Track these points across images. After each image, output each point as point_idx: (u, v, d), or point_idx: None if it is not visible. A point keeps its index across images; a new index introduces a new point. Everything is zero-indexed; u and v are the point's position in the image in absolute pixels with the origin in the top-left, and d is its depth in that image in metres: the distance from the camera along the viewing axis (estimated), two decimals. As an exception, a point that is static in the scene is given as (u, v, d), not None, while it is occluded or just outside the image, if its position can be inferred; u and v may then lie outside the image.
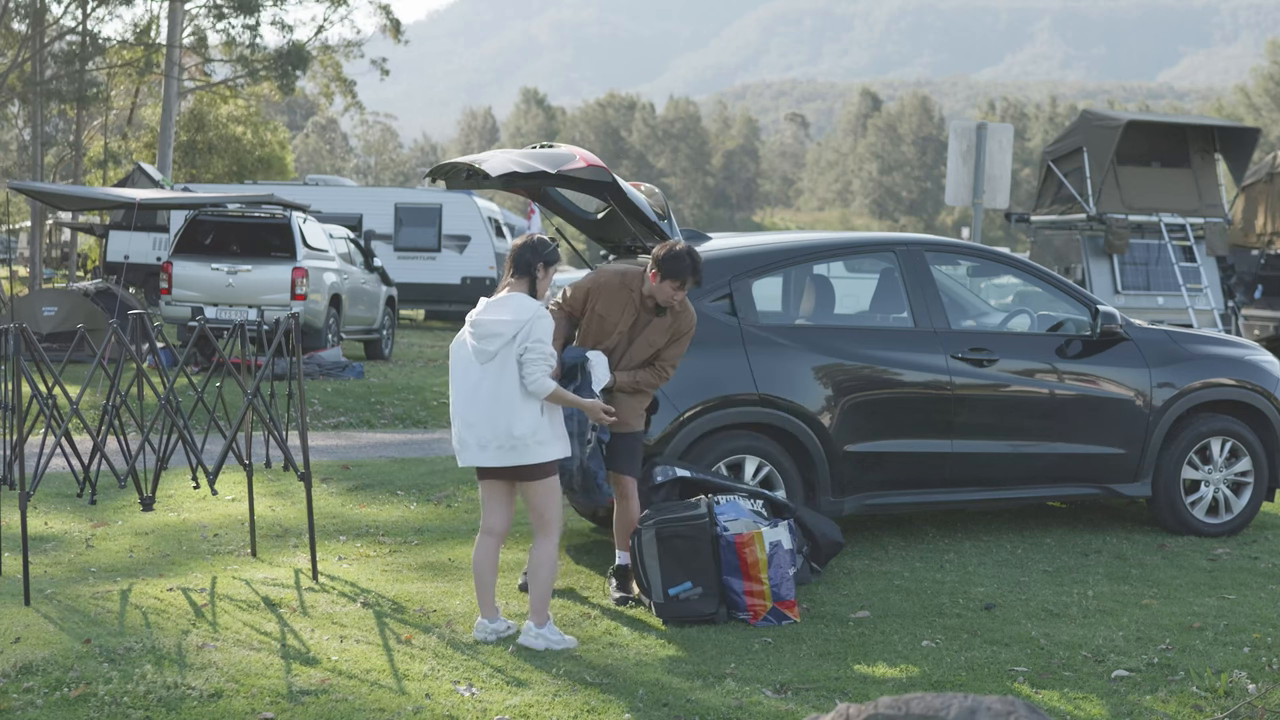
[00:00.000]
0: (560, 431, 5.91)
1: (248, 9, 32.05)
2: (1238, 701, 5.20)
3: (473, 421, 5.78)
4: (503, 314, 5.74)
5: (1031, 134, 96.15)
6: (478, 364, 5.77)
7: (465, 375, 5.83)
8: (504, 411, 5.72)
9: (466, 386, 5.81)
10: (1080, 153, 16.91)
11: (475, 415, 5.78)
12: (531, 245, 5.92)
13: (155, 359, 7.03)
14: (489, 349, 5.72)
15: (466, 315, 5.95)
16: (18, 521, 6.76)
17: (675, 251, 6.36)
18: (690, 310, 6.59)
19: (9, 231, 39.67)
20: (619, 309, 6.54)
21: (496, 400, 5.72)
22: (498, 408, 5.72)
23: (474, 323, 5.81)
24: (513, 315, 5.73)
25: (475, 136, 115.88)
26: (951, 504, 7.98)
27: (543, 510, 5.87)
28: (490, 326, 5.74)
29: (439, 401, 14.49)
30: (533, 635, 5.80)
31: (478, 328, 5.78)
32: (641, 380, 6.54)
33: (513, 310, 5.74)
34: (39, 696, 4.99)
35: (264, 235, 16.75)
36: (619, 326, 6.52)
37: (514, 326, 5.70)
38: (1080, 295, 8.32)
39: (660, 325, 6.53)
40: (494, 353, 5.71)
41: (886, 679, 5.49)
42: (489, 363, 5.73)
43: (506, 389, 5.71)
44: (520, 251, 5.90)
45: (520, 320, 5.71)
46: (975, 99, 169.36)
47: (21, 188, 18.27)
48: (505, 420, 5.71)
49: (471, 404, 5.78)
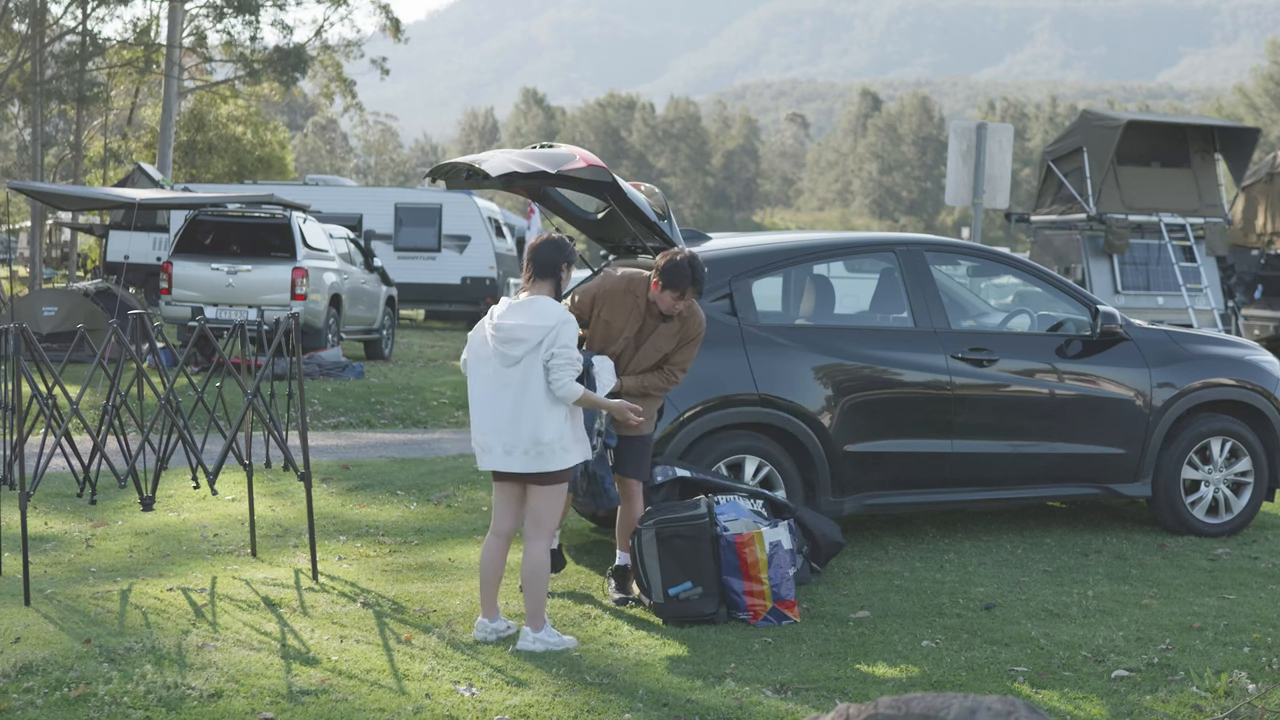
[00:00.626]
0: (581, 435, 5.90)
1: (248, 8, 32.04)
2: (1238, 701, 5.20)
3: (499, 426, 5.72)
4: (528, 319, 5.68)
5: (1031, 134, 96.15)
6: (501, 367, 5.71)
7: (488, 377, 5.76)
8: (530, 417, 5.67)
9: (489, 389, 5.75)
10: (1080, 153, 16.91)
11: (500, 420, 5.72)
12: (555, 245, 5.86)
13: (155, 359, 7.03)
14: (514, 354, 5.67)
15: (490, 312, 5.86)
16: (18, 521, 6.76)
17: (676, 262, 6.34)
18: (698, 315, 6.57)
19: (9, 231, 39.66)
20: (624, 315, 6.52)
21: (522, 405, 5.67)
22: (523, 413, 5.68)
23: (497, 326, 5.72)
24: (539, 320, 5.67)
25: (475, 136, 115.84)
26: (951, 504, 7.98)
27: (544, 514, 5.86)
28: (515, 331, 5.67)
29: (439, 402, 14.49)
30: (530, 640, 5.78)
31: (501, 331, 5.70)
32: (650, 385, 6.53)
33: (538, 315, 5.69)
34: (39, 696, 4.99)
35: (264, 235, 16.75)
36: (625, 332, 6.51)
37: (540, 332, 5.65)
38: (1080, 295, 8.32)
39: (667, 331, 6.53)
40: (519, 358, 5.66)
41: (886, 679, 5.49)
42: (513, 367, 5.68)
43: (532, 394, 5.66)
44: (543, 252, 5.83)
45: (546, 326, 5.66)
46: (975, 99, 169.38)
47: (21, 188, 18.27)
48: (531, 425, 5.68)
49: (494, 408, 5.73)
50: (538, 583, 5.82)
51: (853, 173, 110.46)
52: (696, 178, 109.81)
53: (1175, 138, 17.39)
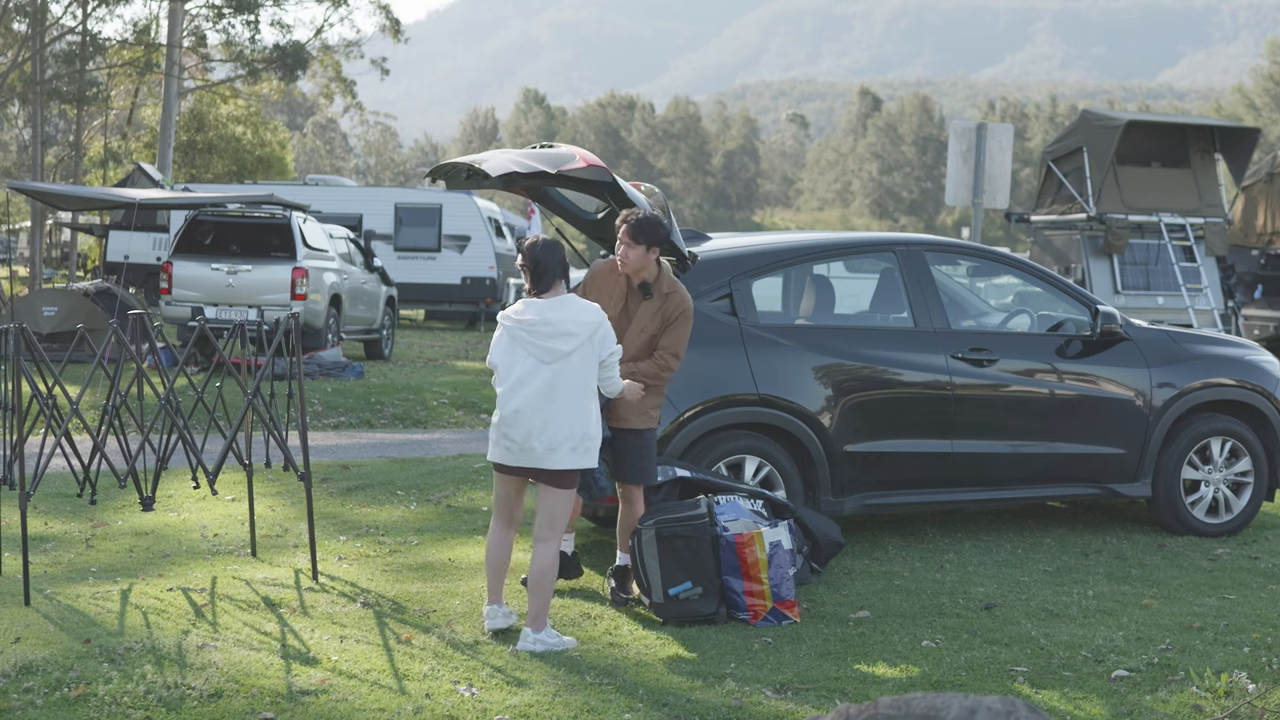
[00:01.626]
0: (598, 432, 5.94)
1: (247, 7, 32.04)
2: (1238, 701, 5.20)
3: (541, 424, 5.72)
4: (572, 314, 5.77)
5: (1031, 134, 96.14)
6: (540, 363, 5.74)
7: (524, 375, 5.76)
8: (574, 412, 5.74)
9: (529, 386, 5.74)
10: (1080, 153, 16.91)
11: (548, 416, 5.72)
12: (554, 245, 5.98)
13: (155, 359, 7.03)
14: (563, 349, 5.72)
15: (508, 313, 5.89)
16: (18, 521, 6.76)
17: (635, 216, 6.38)
18: (681, 293, 6.49)
19: (9, 231, 39.66)
20: (609, 295, 6.52)
21: (564, 401, 5.72)
22: (566, 409, 5.73)
23: (544, 321, 5.75)
24: (585, 315, 5.78)
25: (475, 136, 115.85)
26: (951, 504, 7.98)
27: (557, 514, 5.89)
28: (564, 325, 5.74)
29: (439, 402, 14.49)
30: (530, 640, 5.79)
31: (550, 326, 5.74)
32: (643, 372, 6.42)
33: (581, 311, 5.80)
34: (39, 696, 4.99)
35: (264, 235, 16.74)
36: (611, 313, 6.48)
37: (589, 328, 5.76)
38: (1080, 295, 8.32)
39: (649, 309, 6.47)
40: (569, 353, 5.73)
41: (886, 679, 5.49)
42: (556, 363, 5.73)
43: (577, 390, 5.75)
44: (546, 253, 5.88)
45: (593, 321, 5.79)
46: (975, 99, 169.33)
47: (21, 188, 18.27)
48: (579, 420, 5.75)
49: (534, 406, 5.72)
50: (545, 584, 5.84)
51: (853, 173, 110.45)
52: (696, 178, 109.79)
53: (1175, 138, 17.39)
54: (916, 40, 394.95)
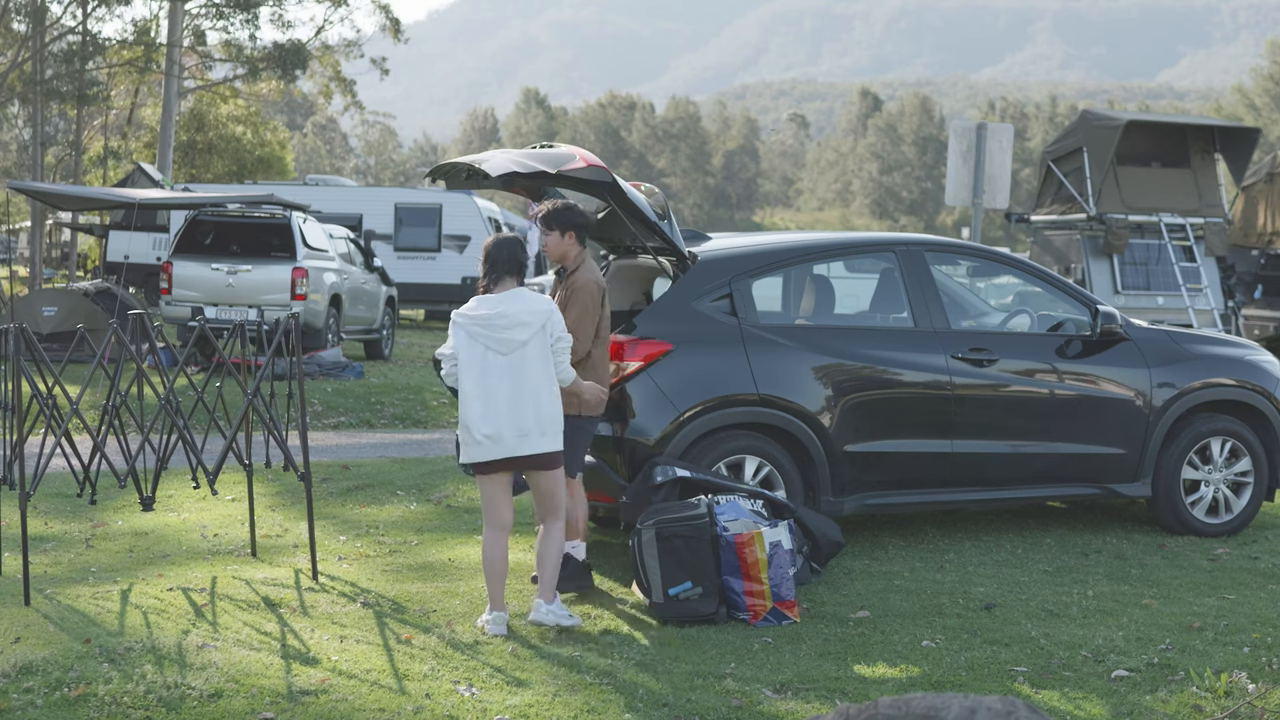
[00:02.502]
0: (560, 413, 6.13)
1: (247, 6, 32.03)
2: (1238, 701, 5.20)
3: (507, 414, 5.90)
4: (523, 305, 5.96)
5: (1031, 134, 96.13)
6: (498, 355, 5.92)
7: (485, 370, 5.94)
8: (535, 398, 5.92)
9: (489, 381, 5.93)
10: (1080, 153, 16.91)
11: (506, 407, 5.91)
12: (513, 243, 6.17)
13: (155, 359, 7.03)
14: (518, 338, 5.91)
15: (462, 311, 6.06)
16: (18, 521, 6.75)
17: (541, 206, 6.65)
18: (580, 275, 6.57)
19: (9, 231, 39.66)
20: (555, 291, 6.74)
21: (525, 389, 5.92)
22: (528, 396, 5.92)
23: (499, 315, 5.94)
24: (534, 305, 5.98)
25: (475, 136, 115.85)
26: (951, 504, 7.98)
27: (555, 495, 6.11)
28: (519, 316, 5.94)
29: (439, 402, 14.49)
30: (543, 611, 6.02)
31: (505, 319, 5.93)
32: None
33: (530, 301, 5.99)
34: (39, 696, 4.99)
35: (264, 235, 16.74)
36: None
37: (541, 316, 5.96)
38: (1080, 295, 8.32)
39: (561, 299, 6.61)
40: (524, 342, 5.92)
41: (886, 679, 5.49)
42: (515, 352, 5.92)
43: (535, 377, 5.94)
44: (503, 250, 6.08)
45: (544, 310, 5.98)
46: (975, 99, 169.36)
47: (21, 188, 18.27)
48: (544, 405, 5.94)
49: (498, 398, 5.91)
50: (554, 558, 6.08)
51: (853, 173, 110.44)
52: (696, 178, 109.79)
53: (1175, 138, 17.39)
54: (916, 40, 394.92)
